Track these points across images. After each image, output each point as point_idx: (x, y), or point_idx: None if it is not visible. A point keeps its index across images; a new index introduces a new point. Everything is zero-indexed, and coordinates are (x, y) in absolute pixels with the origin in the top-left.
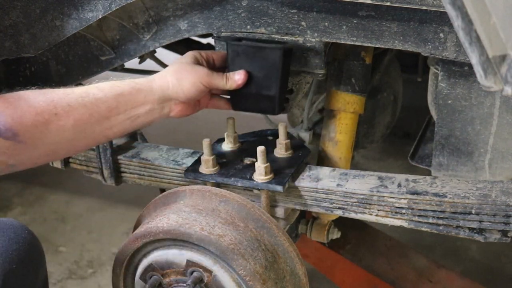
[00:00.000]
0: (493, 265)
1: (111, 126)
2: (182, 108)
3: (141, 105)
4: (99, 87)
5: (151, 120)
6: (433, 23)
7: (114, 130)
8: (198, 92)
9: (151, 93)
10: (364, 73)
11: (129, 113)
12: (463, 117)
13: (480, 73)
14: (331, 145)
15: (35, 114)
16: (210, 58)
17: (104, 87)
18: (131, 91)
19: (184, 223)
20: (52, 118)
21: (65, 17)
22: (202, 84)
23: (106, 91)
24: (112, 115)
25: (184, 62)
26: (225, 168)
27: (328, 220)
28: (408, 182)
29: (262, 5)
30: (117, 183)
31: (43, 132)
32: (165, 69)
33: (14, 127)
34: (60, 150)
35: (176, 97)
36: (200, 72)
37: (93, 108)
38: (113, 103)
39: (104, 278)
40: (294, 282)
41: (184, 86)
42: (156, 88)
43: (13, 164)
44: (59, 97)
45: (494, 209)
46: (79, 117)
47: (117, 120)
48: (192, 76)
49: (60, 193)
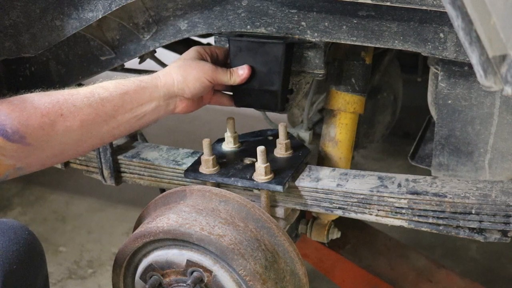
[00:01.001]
0: (493, 265)
1: (117, 125)
2: (187, 104)
3: (147, 102)
4: (104, 87)
5: (157, 117)
6: (433, 23)
7: (120, 129)
8: (203, 88)
9: (156, 90)
10: (364, 73)
11: (135, 111)
12: (463, 117)
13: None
14: (331, 145)
15: (41, 116)
16: (214, 53)
17: (109, 86)
18: (137, 89)
19: (184, 223)
20: (58, 119)
21: (65, 17)
22: (207, 79)
23: (111, 90)
24: (118, 114)
25: (188, 58)
26: (225, 168)
27: (328, 220)
28: (408, 182)
29: (262, 5)
30: (117, 183)
31: (50, 133)
32: (170, 66)
33: (21, 129)
34: (67, 151)
35: (182, 93)
36: (205, 67)
37: (99, 107)
38: (119, 101)
39: (104, 278)
40: (294, 282)
41: (189, 82)
42: (161, 85)
43: (21, 167)
44: (65, 98)
45: (494, 209)
46: (85, 117)
47: (123, 119)
48: (196, 71)
49: (60, 193)
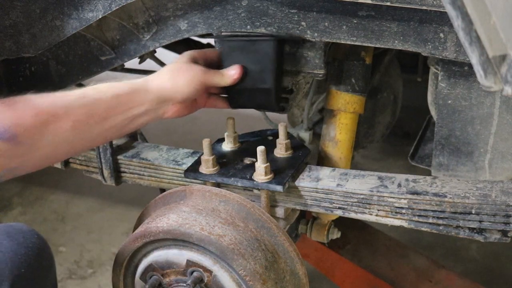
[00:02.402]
0: (493, 265)
1: (109, 127)
2: (179, 109)
3: (138, 105)
4: (97, 88)
5: (148, 120)
6: (433, 23)
7: (112, 131)
8: (195, 91)
9: (148, 93)
10: (364, 73)
11: (127, 114)
12: (463, 117)
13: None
14: (331, 145)
15: (33, 115)
16: (207, 56)
17: (102, 88)
18: (129, 92)
19: (184, 223)
20: (51, 119)
21: (65, 17)
22: (198, 82)
23: (104, 92)
24: (111, 115)
25: (180, 62)
26: (225, 168)
27: (328, 220)
28: (408, 182)
29: (262, 5)
30: (117, 183)
31: (42, 133)
32: (161, 69)
33: (13, 128)
34: (59, 151)
35: (173, 97)
36: (196, 70)
37: (92, 109)
38: (111, 103)
39: (104, 278)
40: (294, 282)
41: (180, 86)
42: (152, 88)
43: (15, 167)
44: (57, 99)
45: (494, 209)
46: (78, 118)
47: (115, 121)
48: (187, 74)
49: (60, 193)
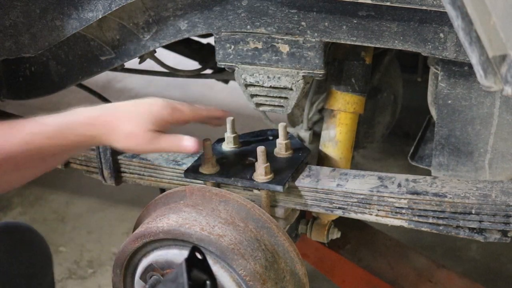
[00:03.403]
0: (493, 265)
1: (46, 167)
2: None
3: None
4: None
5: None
6: (433, 23)
7: (48, 166)
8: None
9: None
10: (364, 73)
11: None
12: (463, 117)
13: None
14: (331, 145)
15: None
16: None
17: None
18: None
19: (184, 223)
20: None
21: (65, 17)
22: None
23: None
24: (51, 158)
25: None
26: (225, 168)
27: (328, 220)
28: (408, 182)
29: (262, 5)
30: (117, 183)
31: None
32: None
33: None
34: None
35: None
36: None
37: (35, 156)
38: (54, 150)
39: (104, 278)
40: (294, 282)
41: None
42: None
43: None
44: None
45: (494, 209)
46: (18, 162)
47: (53, 162)
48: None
49: (60, 193)
